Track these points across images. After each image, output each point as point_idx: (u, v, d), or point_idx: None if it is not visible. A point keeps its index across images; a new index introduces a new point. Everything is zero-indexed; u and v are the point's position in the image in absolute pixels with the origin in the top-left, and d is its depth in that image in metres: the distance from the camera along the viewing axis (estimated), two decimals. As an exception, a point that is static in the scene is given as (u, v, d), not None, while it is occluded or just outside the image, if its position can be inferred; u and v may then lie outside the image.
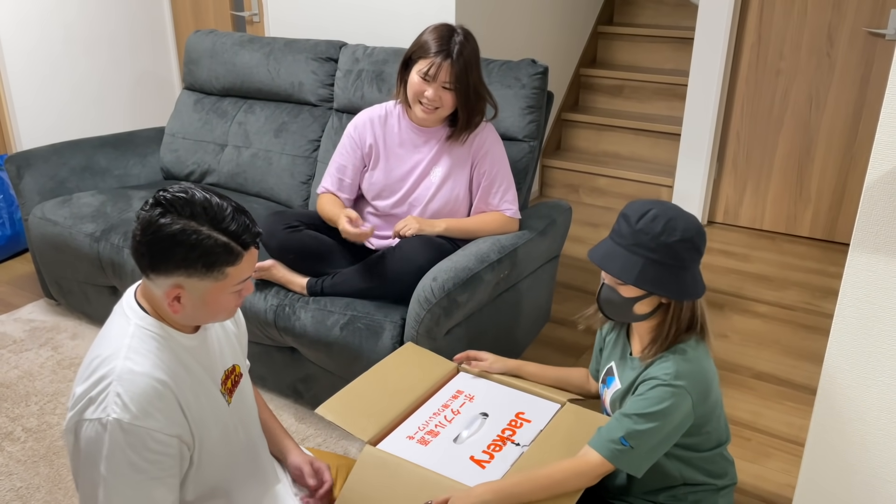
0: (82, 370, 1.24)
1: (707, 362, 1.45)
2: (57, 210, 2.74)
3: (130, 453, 1.17)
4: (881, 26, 3.28)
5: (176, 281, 1.21)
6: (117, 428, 1.16)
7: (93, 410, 1.17)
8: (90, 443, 1.17)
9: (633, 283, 1.38)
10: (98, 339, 1.28)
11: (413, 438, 1.56)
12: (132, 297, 1.30)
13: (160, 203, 1.20)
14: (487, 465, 1.47)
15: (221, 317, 1.30)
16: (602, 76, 4.38)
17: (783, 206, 3.74)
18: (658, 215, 1.37)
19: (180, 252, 1.19)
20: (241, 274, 1.25)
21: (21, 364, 2.62)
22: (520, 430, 1.58)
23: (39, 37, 3.64)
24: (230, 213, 1.22)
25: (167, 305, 1.24)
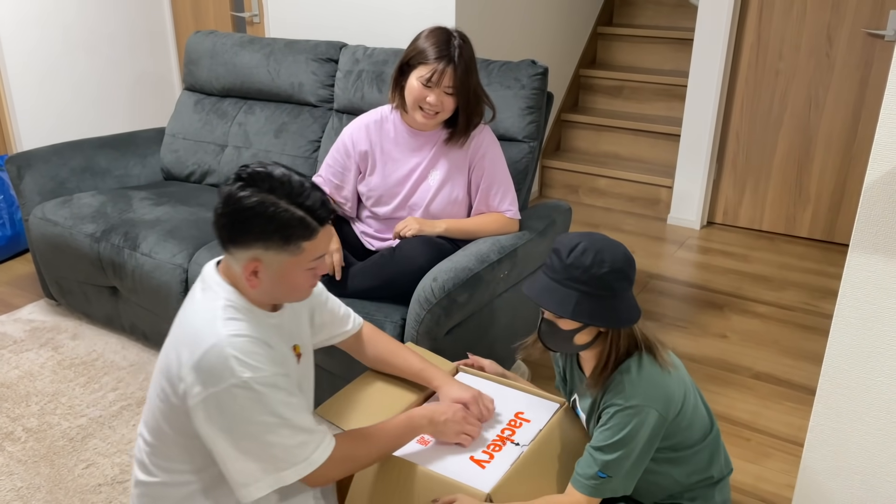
0: (180, 350, 1.30)
1: (655, 371, 1.45)
2: (57, 210, 2.74)
3: (278, 395, 1.27)
4: (880, 27, 3.29)
5: (254, 254, 1.28)
6: (255, 384, 1.25)
7: (219, 380, 1.24)
8: (234, 406, 1.25)
9: (569, 317, 1.41)
10: (185, 317, 1.34)
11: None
12: (216, 273, 1.37)
13: (241, 177, 1.27)
14: (487, 465, 1.48)
15: (296, 295, 1.37)
16: (602, 77, 4.39)
17: (782, 206, 3.75)
18: (587, 248, 1.40)
19: (258, 224, 1.25)
20: (316, 250, 1.31)
21: (21, 364, 2.62)
22: (519, 430, 1.58)
23: (40, 37, 3.64)
24: (307, 189, 1.29)
25: (245, 279, 1.31)
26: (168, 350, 1.35)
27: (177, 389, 1.30)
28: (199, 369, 1.26)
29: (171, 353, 1.33)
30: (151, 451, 1.40)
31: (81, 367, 2.60)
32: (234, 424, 1.27)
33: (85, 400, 2.42)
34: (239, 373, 1.25)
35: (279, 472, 1.30)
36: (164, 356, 1.36)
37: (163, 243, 2.47)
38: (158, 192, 2.93)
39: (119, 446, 2.20)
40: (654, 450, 1.45)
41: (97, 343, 2.75)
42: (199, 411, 1.27)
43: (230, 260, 1.33)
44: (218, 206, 1.29)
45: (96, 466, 2.11)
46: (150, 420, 1.39)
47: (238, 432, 1.27)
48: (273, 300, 1.37)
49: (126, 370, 2.58)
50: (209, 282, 1.36)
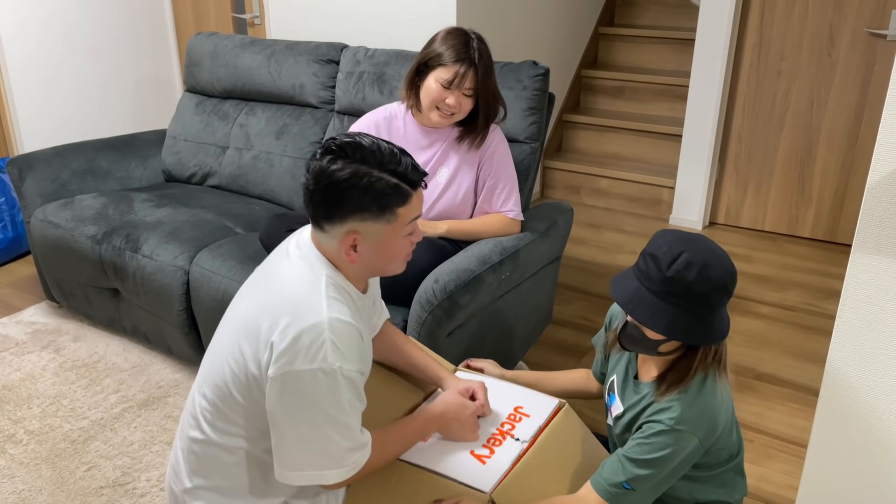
0: (277, 319, 1.27)
1: (713, 397, 1.39)
2: (59, 212, 2.74)
3: (351, 393, 1.28)
4: (882, 27, 3.28)
5: (351, 227, 1.28)
6: (340, 375, 1.25)
7: (309, 360, 1.24)
8: (312, 390, 1.24)
9: (663, 333, 1.32)
10: (282, 284, 1.31)
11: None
12: (314, 247, 1.34)
13: (330, 150, 1.26)
14: (487, 460, 1.47)
15: (394, 266, 1.37)
16: (603, 77, 4.38)
17: (785, 206, 3.74)
18: (691, 262, 1.28)
19: (353, 195, 1.25)
20: (410, 214, 1.31)
21: (23, 366, 2.62)
22: (519, 425, 1.57)
23: (41, 39, 3.64)
24: (398, 155, 1.28)
25: (344, 255, 1.30)
26: (257, 314, 1.31)
27: (259, 356, 1.28)
28: (292, 344, 1.24)
29: (263, 319, 1.29)
30: (212, 411, 1.38)
31: (83, 370, 2.60)
32: (303, 407, 1.26)
33: (86, 402, 2.42)
34: (331, 360, 1.24)
35: (323, 470, 1.30)
36: (250, 319, 1.32)
37: (164, 245, 2.47)
38: (160, 193, 2.93)
39: (121, 448, 2.19)
40: (682, 474, 1.42)
41: (99, 345, 2.75)
42: (276, 384, 1.25)
43: (324, 238, 1.31)
44: (309, 182, 1.27)
45: (98, 469, 2.11)
46: (218, 380, 1.36)
47: (303, 416, 1.26)
48: (371, 273, 1.36)
49: (128, 372, 2.58)
50: (308, 253, 1.34)
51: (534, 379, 1.79)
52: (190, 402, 1.47)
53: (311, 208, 1.29)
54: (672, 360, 1.43)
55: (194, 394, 1.45)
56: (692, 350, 1.39)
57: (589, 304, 3.09)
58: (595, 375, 1.75)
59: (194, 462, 1.42)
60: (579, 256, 3.55)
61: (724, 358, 1.41)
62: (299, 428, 1.27)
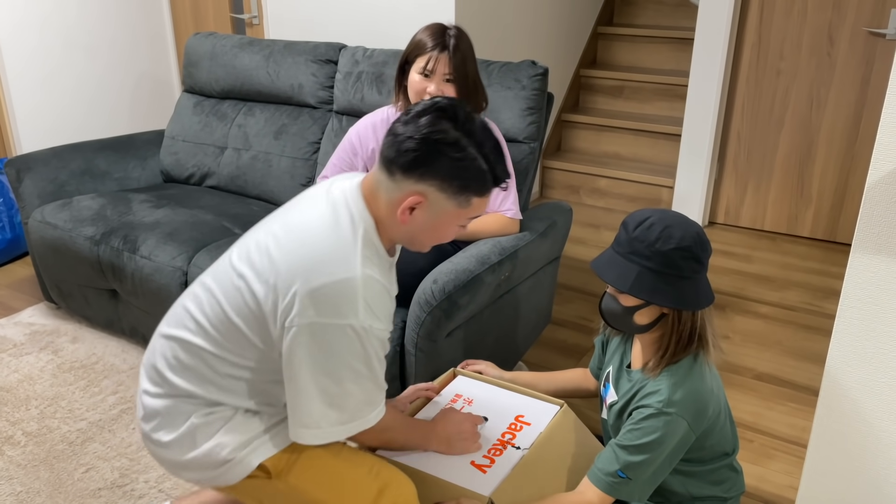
0: (299, 266, 1.24)
1: (701, 382, 1.42)
2: (57, 213, 2.73)
3: (379, 351, 1.27)
4: (882, 26, 3.28)
5: (424, 189, 1.24)
6: (370, 332, 1.23)
7: (340, 315, 1.21)
8: (340, 344, 1.23)
9: (627, 291, 1.36)
10: (312, 233, 1.27)
11: None
12: (360, 197, 1.30)
13: (444, 110, 1.23)
14: (488, 470, 1.47)
15: (428, 244, 1.35)
16: (602, 77, 4.38)
17: (784, 206, 3.74)
18: (654, 223, 1.35)
19: (447, 162, 1.22)
20: (479, 208, 1.30)
21: (21, 368, 2.61)
22: (520, 434, 1.57)
23: (39, 40, 3.63)
24: (497, 148, 1.27)
25: (398, 212, 1.27)
26: (276, 256, 1.27)
27: (277, 300, 1.24)
28: (321, 296, 1.21)
29: (282, 262, 1.25)
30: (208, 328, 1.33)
31: (81, 371, 2.59)
32: (328, 360, 1.23)
33: (85, 403, 2.41)
34: (363, 317, 1.22)
35: (341, 426, 1.29)
36: (264, 254, 1.28)
37: (162, 246, 2.46)
38: (158, 194, 2.93)
39: (119, 450, 2.19)
40: (676, 461, 1.43)
41: (97, 346, 2.75)
42: (303, 335, 1.22)
43: (388, 186, 1.27)
44: (410, 128, 1.23)
45: (96, 470, 2.11)
46: (208, 309, 1.33)
47: (327, 369, 1.24)
48: (406, 240, 1.34)
49: (126, 373, 2.58)
50: (351, 204, 1.30)
51: (531, 379, 1.80)
52: (154, 348, 1.42)
53: (394, 152, 1.23)
54: (656, 338, 1.45)
55: (159, 338, 1.41)
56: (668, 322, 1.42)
57: (588, 304, 3.09)
58: (592, 372, 1.75)
59: (176, 366, 1.37)
60: (579, 256, 3.55)
61: (704, 336, 1.43)
62: (321, 381, 1.25)
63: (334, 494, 1.36)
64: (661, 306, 1.40)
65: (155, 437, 1.39)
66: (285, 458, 1.36)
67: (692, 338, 1.42)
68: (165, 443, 1.37)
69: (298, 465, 1.37)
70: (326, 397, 1.26)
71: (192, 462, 1.36)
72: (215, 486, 1.40)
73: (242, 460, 1.34)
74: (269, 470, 1.36)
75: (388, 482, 1.38)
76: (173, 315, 1.41)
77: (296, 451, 1.37)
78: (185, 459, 1.36)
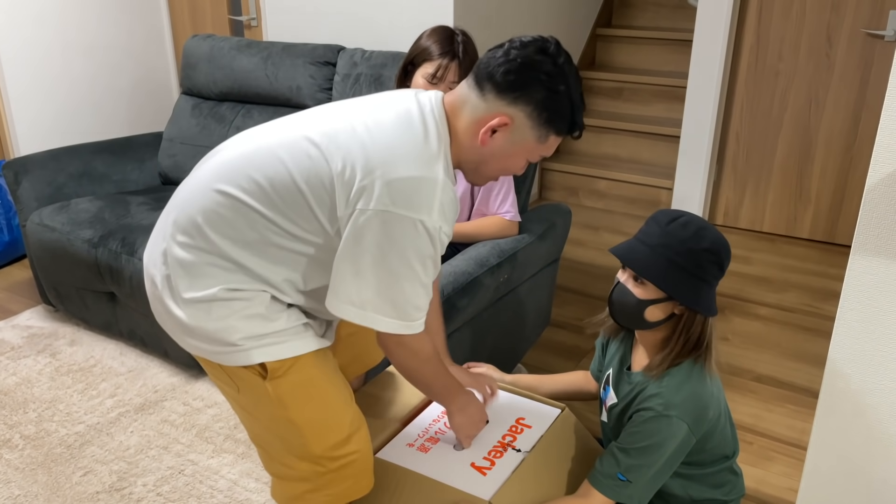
0: (376, 153, 1.24)
1: (701, 385, 1.42)
2: (55, 216, 2.73)
3: (438, 255, 1.29)
4: (880, 27, 3.28)
5: (514, 112, 1.28)
6: (438, 234, 1.25)
7: (416, 209, 1.23)
8: (407, 238, 1.23)
9: (653, 281, 1.36)
10: (400, 124, 1.28)
11: (413, 446, 1.55)
12: (442, 110, 1.32)
13: (547, 48, 1.27)
14: (488, 472, 1.46)
15: (491, 177, 1.38)
16: (601, 79, 4.38)
17: (783, 207, 3.73)
18: (689, 222, 1.37)
19: (541, 91, 1.26)
20: (550, 148, 1.34)
21: (19, 371, 2.60)
22: (520, 436, 1.57)
23: (37, 42, 3.63)
24: (582, 98, 1.31)
25: (479, 131, 1.29)
26: (365, 140, 1.26)
27: (354, 179, 1.24)
28: (401, 187, 1.22)
29: (370, 147, 1.25)
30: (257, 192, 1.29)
31: (79, 374, 2.58)
32: (392, 252, 1.24)
33: (83, 407, 2.40)
34: (436, 216, 1.24)
35: (383, 316, 1.28)
36: (350, 136, 1.27)
37: (160, 248, 2.46)
38: (156, 196, 2.92)
39: (117, 453, 2.18)
40: (677, 464, 1.42)
41: (95, 349, 2.74)
42: (374, 221, 1.22)
43: (476, 102, 1.29)
44: (514, 52, 1.26)
45: (94, 474, 2.10)
46: (271, 171, 1.29)
47: (389, 260, 1.24)
48: (473, 166, 1.35)
49: (124, 376, 2.57)
50: (437, 118, 1.31)
51: (532, 382, 1.79)
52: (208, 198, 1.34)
53: (494, 68, 1.26)
54: (661, 339, 1.45)
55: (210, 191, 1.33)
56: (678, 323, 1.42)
57: (587, 305, 3.08)
58: (593, 374, 1.75)
59: (216, 220, 1.31)
60: (578, 258, 3.55)
61: (710, 343, 1.43)
62: (380, 270, 1.25)
63: (309, 420, 1.36)
64: (681, 303, 1.39)
65: (176, 285, 1.33)
66: (286, 365, 1.35)
67: (699, 343, 1.42)
68: (184, 298, 1.33)
69: (292, 375, 1.35)
70: (381, 287, 1.26)
71: (198, 331, 1.34)
72: (209, 359, 1.37)
73: (248, 351, 1.33)
74: (266, 371, 1.34)
75: (358, 430, 1.40)
76: (222, 170, 1.33)
77: (296, 364, 1.35)
78: (192, 325, 1.33)
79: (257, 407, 1.38)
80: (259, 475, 2.08)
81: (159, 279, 1.37)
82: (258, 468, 2.11)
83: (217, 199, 1.31)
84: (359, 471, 1.42)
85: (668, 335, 1.44)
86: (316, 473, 1.40)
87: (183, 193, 1.37)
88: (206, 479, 2.07)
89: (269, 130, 1.35)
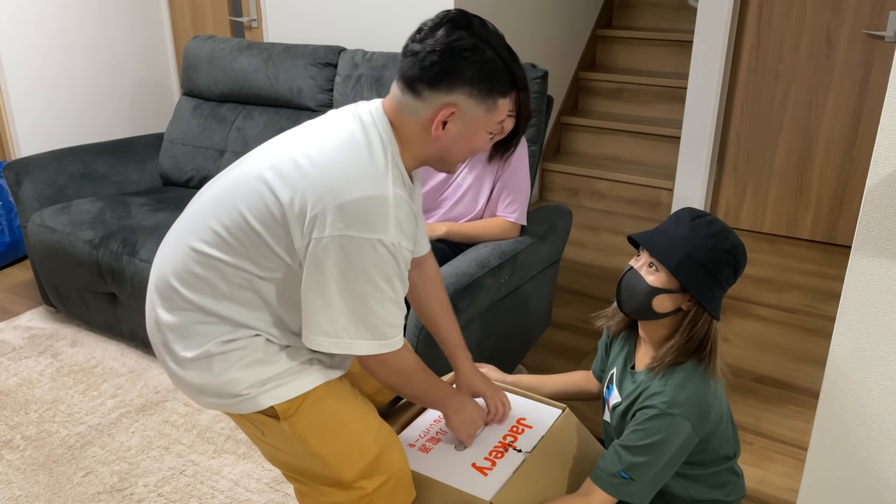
0: (329, 180, 1.23)
1: (705, 385, 1.42)
2: (56, 217, 2.73)
3: (403, 271, 1.28)
4: (880, 28, 3.28)
5: (454, 99, 1.27)
6: (398, 250, 1.24)
7: (370, 229, 1.22)
8: (368, 259, 1.23)
9: (670, 268, 1.36)
10: (340, 151, 1.27)
11: (414, 446, 1.55)
12: (386, 118, 1.32)
13: (456, 20, 1.26)
14: (489, 472, 1.47)
15: (459, 161, 1.37)
16: (601, 80, 4.38)
17: (784, 208, 3.74)
18: (714, 221, 1.39)
19: (471, 67, 1.25)
20: (503, 111, 1.32)
21: (20, 371, 2.61)
22: (521, 437, 1.57)
23: (38, 43, 3.63)
24: (509, 50, 1.29)
25: (430, 130, 1.29)
26: (308, 169, 1.26)
27: (305, 209, 1.23)
28: (352, 209, 1.21)
29: (315, 175, 1.24)
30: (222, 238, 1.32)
31: (80, 375, 2.59)
32: (356, 276, 1.23)
33: (84, 407, 2.41)
34: (393, 234, 1.23)
35: (359, 340, 1.28)
36: (293, 166, 1.27)
37: (161, 249, 2.46)
38: (157, 197, 2.92)
39: (118, 454, 2.18)
40: (679, 463, 1.43)
41: (96, 350, 2.74)
42: (332, 247, 1.22)
43: (416, 106, 1.29)
44: (429, 42, 1.25)
45: (95, 474, 2.10)
46: (226, 218, 1.30)
47: (354, 284, 1.24)
48: (439, 158, 1.35)
49: (125, 377, 2.57)
50: (380, 128, 1.30)
51: (533, 382, 1.79)
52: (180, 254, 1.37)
53: (417, 71, 1.26)
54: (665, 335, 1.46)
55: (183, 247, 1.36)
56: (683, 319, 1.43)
57: (588, 306, 3.09)
58: (595, 374, 1.75)
59: (191, 280, 1.34)
60: (578, 259, 3.55)
61: (714, 347, 1.44)
62: (347, 296, 1.24)
63: (333, 450, 1.36)
64: (692, 297, 1.39)
65: (173, 349, 1.36)
66: (295, 403, 1.36)
67: (702, 344, 1.43)
68: (184, 359, 1.35)
69: (304, 412, 1.36)
70: (352, 313, 1.26)
71: (206, 388, 1.36)
72: (225, 411, 1.39)
73: (255, 398, 1.34)
74: (278, 413, 1.36)
75: (388, 447, 1.39)
76: (191, 224, 1.36)
77: (306, 400, 1.36)
78: (199, 384, 1.36)
79: (282, 445, 1.40)
80: (259, 476, 2.08)
81: (160, 346, 1.40)
82: (259, 469, 2.11)
83: (190, 255, 1.34)
84: (396, 488, 1.41)
85: (673, 331, 1.44)
86: (353, 499, 1.40)
87: (162, 252, 1.41)
88: (208, 480, 2.07)
89: (232, 169, 1.38)
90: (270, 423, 1.37)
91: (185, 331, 1.35)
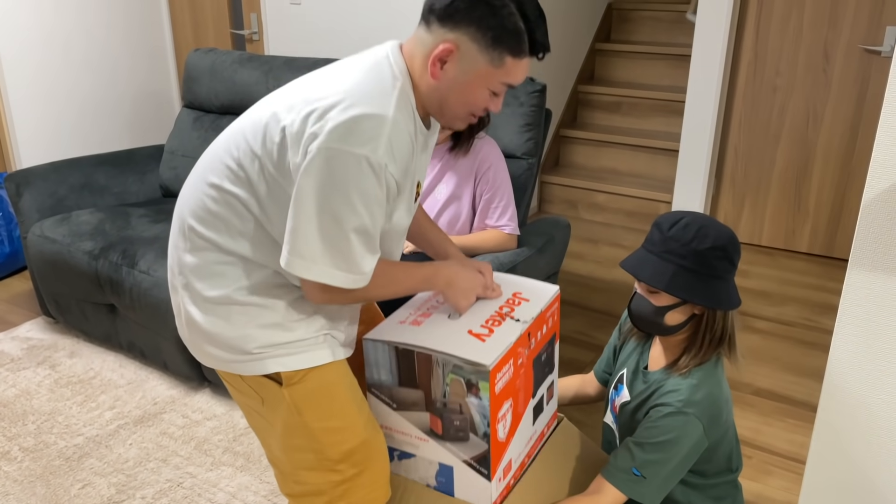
0: (326, 89, 1.23)
1: (719, 388, 1.44)
2: (56, 228, 2.73)
3: (383, 198, 1.23)
4: (877, 43, 3.30)
5: (457, 38, 1.22)
6: (383, 172, 1.20)
7: (360, 144, 1.18)
8: (351, 177, 1.19)
9: (664, 289, 1.37)
10: (353, 71, 1.26)
11: (405, 322, 1.45)
12: (401, 57, 1.30)
13: None
14: (487, 339, 1.37)
15: (459, 116, 1.32)
16: (600, 93, 4.40)
17: (781, 221, 3.75)
18: (690, 223, 1.38)
19: (482, 10, 1.20)
20: (512, 74, 1.26)
21: (18, 382, 2.60)
22: (518, 308, 1.48)
23: (40, 55, 3.65)
24: (542, 17, 1.24)
25: (429, 66, 1.25)
26: (312, 88, 1.25)
27: (306, 124, 1.21)
28: (348, 123, 1.18)
29: (317, 91, 1.24)
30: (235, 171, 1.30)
31: (79, 386, 2.58)
32: (335, 192, 1.19)
33: (82, 419, 2.40)
34: (382, 154, 1.19)
35: (334, 269, 1.24)
36: (298, 91, 1.27)
37: (161, 260, 2.46)
38: (157, 209, 2.93)
39: (116, 466, 2.18)
40: (689, 466, 1.43)
41: (95, 361, 2.74)
42: (317, 160, 1.18)
43: (424, 37, 1.26)
44: None
45: (93, 486, 2.10)
46: (235, 150, 1.31)
47: (333, 204, 1.20)
48: (437, 105, 1.31)
49: (123, 388, 2.57)
50: (392, 60, 1.28)
51: None
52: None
53: (434, 1, 1.24)
54: (685, 338, 1.46)
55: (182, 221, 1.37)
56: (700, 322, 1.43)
57: (587, 319, 3.09)
58: (597, 375, 1.74)
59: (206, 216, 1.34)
60: (577, 271, 3.55)
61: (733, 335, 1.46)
62: (322, 217, 1.21)
63: (324, 427, 1.36)
64: (697, 305, 1.40)
65: (196, 288, 1.35)
66: (300, 373, 1.35)
67: (723, 337, 1.45)
68: (205, 299, 1.34)
69: (308, 383, 1.35)
70: (327, 237, 1.22)
71: (217, 338, 1.35)
72: (226, 370, 1.38)
73: (263, 360, 1.34)
74: (282, 378, 1.35)
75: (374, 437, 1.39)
76: (203, 163, 1.37)
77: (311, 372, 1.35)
78: (212, 332, 1.35)
79: (275, 415, 1.39)
80: (257, 489, 2.08)
81: (180, 287, 1.39)
82: (256, 481, 2.11)
83: (205, 191, 1.34)
84: (374, 479, 1.42)
85: (692, 334, 1.45)
86: (331, 484, 1.39)
87: (182, 194, 1.41)
88: (205, 492, 2.07)
89: (248, 111, 1.38)
90: (270, 388, 1.37)
91: (206, 270, 1.34)
